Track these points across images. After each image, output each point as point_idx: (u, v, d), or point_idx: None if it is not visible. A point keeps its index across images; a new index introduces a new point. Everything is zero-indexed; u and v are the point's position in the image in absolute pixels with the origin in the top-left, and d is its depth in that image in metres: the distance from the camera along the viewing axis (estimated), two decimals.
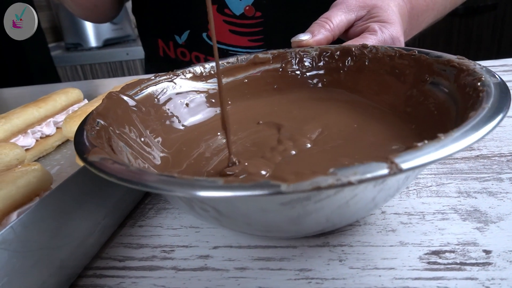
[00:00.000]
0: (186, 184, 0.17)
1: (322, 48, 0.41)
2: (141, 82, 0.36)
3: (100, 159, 0.21)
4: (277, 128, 0.36)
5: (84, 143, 0.23)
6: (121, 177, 0.19)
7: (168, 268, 0.26)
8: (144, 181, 0.18)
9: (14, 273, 0.21)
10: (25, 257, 0.22)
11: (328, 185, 0.15)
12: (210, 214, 0.25)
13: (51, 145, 0.49)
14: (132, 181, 0.18)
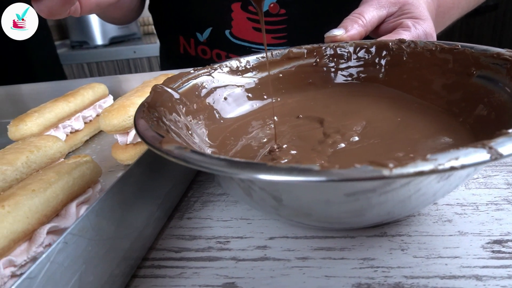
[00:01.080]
0: (283, 171, 0.17)
1: (357, 43, 0.42)
2: (182, 76, 0.36)
3: (175, 148, 0.21)
4: (318, 121, 0.36)
5: (152, 133, 0.23)
6: (203, 165, 0.19)
7: (228, 259, 0.26)
8: (231, 168, 0.18)
9: (90, 261, 0.21)
10: (98, 245, 0.22)
11: (430, 170, 0.16)
12: (268, 203, 0.26)
13: (80, 140, 0.49)
14: (216, 168, 0.19)
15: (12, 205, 0.23)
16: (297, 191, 0.22)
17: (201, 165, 0.19)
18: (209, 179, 0.37)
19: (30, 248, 0.23)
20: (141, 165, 0.28)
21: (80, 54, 1.50)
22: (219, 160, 0.19)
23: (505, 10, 2.09)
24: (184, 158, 0.20)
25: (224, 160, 0.18)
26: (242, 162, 0.18)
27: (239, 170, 0.17)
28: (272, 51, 0.43)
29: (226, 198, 0.34)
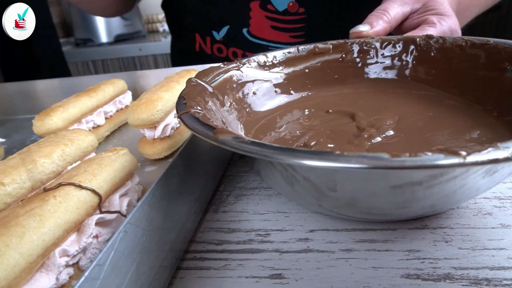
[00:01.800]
0: (353, 159, 0.17)
1: (384, 39, 0.42)
2: (213, 70, 0.36)
3: (233, 138, 0.21)
4: (349, 116, 0.36)
5: (201, 124, 0.23)
6: (264, 154, 0.19)
7: (271, 251, 0.26)
8: (296, 158, 0.18)
9: (144, 251, 0.21)
10: (150, 236, 0.22)
11: (504, 157, 0.16)
12: (310, 193, 0.26)
13: (101, 135, 0.49)
14: (279, 158, 0.19)
15: (63, 195, 0.23)
16: (344, 182, 0.22)
17: (262, 154, 0.19)
18: (239, 174, 0.37)
19: (80, 238, 0.23)
20: (182, 158, 0.28)
21: (85, 51, 1.49)
22: (282, 150, 0.19)
23: (507, 10, 2.10)
24: (242, 148, 0.20)
25: (287, 150, 0.18)
26: (307, 151, 0.18)
27: (305, 159, 0.18)
28: (298, 46, 0.43)
29: (259, 192, 0.34)
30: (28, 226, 0.20)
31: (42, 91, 0.70)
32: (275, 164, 0.25)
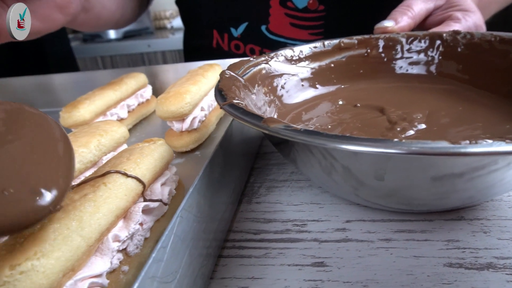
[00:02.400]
0: (414, 146, 0.17)
1: (409, 34, 0.42)
2: (244, 63, 0.37)
3: (285, 127, 0.21)
4: (379, 110, 0.36)
5: (250, 114, 0.24)
6: (317, 142, 0.20)
7: (310, 240, 0.27)
8: (357, 144, 0.18)
9: (195, 237, 0.22)
10: (199, 222, 0.22)
11: None
12: (349, 183, 0.26)
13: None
14: (335, 146, 0.19)
15: (112, 182, 0.23)
16: (393, 170, 0.23)
17: (314, 141, 0.20)
18: (268, 166, 0.38)
19: (128, 225, 0.23)
20: (222, 149, 0.28)
21: (93, 47, 1.50)
22: (337, 138, 0.19)
23: None
24: (295, 136, 0.20)
25: (347, 138, 0.19)
26: (366, 139, 0.18)
27: (367, 146, 0.18)
28: (324, 41, 0.43)
29: (290, 184, 0.34)
30: (84, 210, 0.20)
31: (58, 85, 0.70)
32: (314, 152, 0.25)
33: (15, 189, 0.16)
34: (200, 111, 0.42)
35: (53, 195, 0.17)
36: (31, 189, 0.17)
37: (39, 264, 0.17)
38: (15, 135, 0.19)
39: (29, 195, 0.16)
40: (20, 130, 0.20)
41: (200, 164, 0.40)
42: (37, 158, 0.18)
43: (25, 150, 0.18)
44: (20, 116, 0.21)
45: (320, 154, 0.25)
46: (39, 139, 0.20)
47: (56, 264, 0.17)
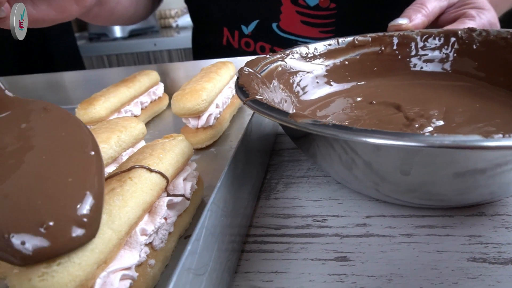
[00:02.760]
0: (446, 140, 0.17)
1: (423, 32, 0.42)
2: (260, 60, 0.37)
3: (313, 121, 0.21)
4: (395, 107, 0.36)
5: (275, 109, 0.24)
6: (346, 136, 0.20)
7: (331, 235, 0.27)
8: (389, 138, 0.18)
9: (222, 231, 0.22)
10: (226, 216, 0.23)
11: None
12: (370, 178, 0.26)
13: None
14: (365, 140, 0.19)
15: (137, 177, 0.23)
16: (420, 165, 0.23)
17: (343, 136, 0.20)
18: (283, 163, 0.38)
19: (154, 219, 0.24)
20: (243, 145, 0.28)
21: (99, 46, 1.50)
22: (369, 132, 0.19)
23: None
24: (324, 130, 0.21)
25: (375, 132, 0.19)
26: (397, 133, 0.18)
27: (399, 140, 0.18)
28: (338, 38, 0.43)
29: (307, 180, 0.34)
30: (113, 204, 0.21)
31: (68, 83, 0.70)
32: (336, 148, 0.25)
33: (53, 221, 0.16)
34: (215, 108, 0.43)
35: (91, 227, 0.17)
36: (70, 219, 0.17)
37: (75, 256, 0.17)
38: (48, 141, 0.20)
39: (67, 227, 0.17)
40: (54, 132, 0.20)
41: (215, 161, 0.40)
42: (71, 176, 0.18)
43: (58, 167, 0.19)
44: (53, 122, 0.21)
45: (341, 149, 0.25)
46: (71, 145, 0.20)
47: (91, 256, 0.18)
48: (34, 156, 0.19)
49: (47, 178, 0.18)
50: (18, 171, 0.19)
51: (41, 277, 0.16)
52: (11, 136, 0.21)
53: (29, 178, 0.18)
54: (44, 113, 0.23)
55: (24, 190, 0.18)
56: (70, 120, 0.23)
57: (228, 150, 0.42)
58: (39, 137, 0.21)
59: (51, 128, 0.22)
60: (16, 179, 0.18)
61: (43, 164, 0.19)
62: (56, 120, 0.22)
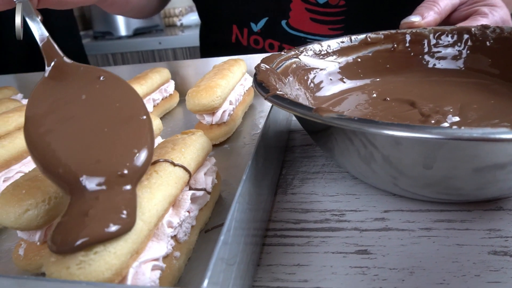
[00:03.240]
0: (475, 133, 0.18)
1: (436, 29, 0.42)
2: (276, 57, 0.37)
3: (338, 115, 0.22)
4: (409, 104, 0.37)
5: (298, 104, 0.24)
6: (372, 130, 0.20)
7: (350, 229, 0.27)
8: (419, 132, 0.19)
9: (247, 225, 0.22)
10: (250, 210, 0.23)
11: None
12: (388, 172, 0.27)
13: None
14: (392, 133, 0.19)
15: (162, 170, 0.24)
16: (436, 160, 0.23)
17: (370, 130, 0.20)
18: (298, 159, 0.38)
19: (178, 212, 0.24)
20: (263, 141, 0.29)
21: (104, 44, 1.51)
22: (395, 126, 0.19)
23: None
24: (349, 124, 0.21)
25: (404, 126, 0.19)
26: (426, 127, 0.19)
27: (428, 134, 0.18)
28: (351, 36, 0.43)
29: (323, 175, 0.35)
30: (142, 196, 0.21)
31: None
32: (355, 142, 0.26)
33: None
34: (229, 105, 0.43)
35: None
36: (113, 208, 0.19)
37: (110, 245, 0.17)
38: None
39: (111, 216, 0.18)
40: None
41: (230, 157, 0.40)
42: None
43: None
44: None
45: (360, 143, 0.26)
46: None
47: (125, 246, 0.18)
48: (97, 120, 0.23)
49: (110, 136, 0.22)
50: (84, 131, 0.22)
51: (79, 265, 0.17)
52: (75, 102, 0.24)
53: (96, 136, 0.22)
54: (100, 80, 0.25)
55: (95, 146, 0.22)
56: (124, 86, 0.26)
57: (242, 147, 0.42)
58: (99, 101, 0.24)
59: (109, 93, 0.25)
60: (84, 137, 0.22)
61: (106, 125, 0.23)
62: (112, 86, 0.25)
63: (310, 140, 0.42)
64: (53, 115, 0.23)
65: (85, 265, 0.17)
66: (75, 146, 0.21)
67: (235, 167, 0.38)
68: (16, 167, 0.34)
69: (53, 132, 0.22)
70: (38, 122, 0.22)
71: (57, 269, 0.17)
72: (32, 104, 0.23)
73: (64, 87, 0.25)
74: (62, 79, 0.26)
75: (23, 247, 0.25)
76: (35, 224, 0.23)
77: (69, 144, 0.21)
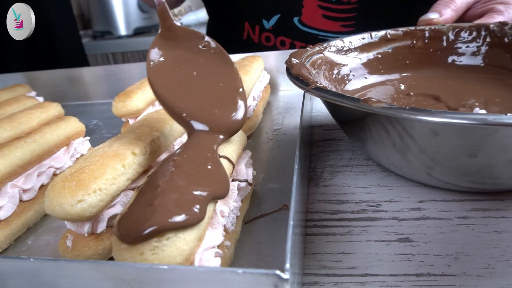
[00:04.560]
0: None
1: (454, 26, 0.43)
2: (303, 52, 0.38)
3: (388, 105, 0.22)
4: (433, 98, 0.37)
5: (346, 96, 0.25)
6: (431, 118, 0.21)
7: (388, 219, 0.28)
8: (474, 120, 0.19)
9: (297, 216, 0.23)
10: (299, 201, 0.23)
11: None
12: (423, 162, 0.27)
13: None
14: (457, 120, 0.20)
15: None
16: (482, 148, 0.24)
17: (426, 119, 0.21)
18: (324, 153, 0.39)
19: (227, 202, 0.24)
20: (301, 134, 0.29)
21: (104, 44, 1.50)
22: (453, 114, 0.20)
23: None
24: (401, 113, 0.22)
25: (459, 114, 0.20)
26: (478, 114, 0.19)
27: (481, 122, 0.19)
28: (371, 32, 0.44)
29: (351, 168, 0.35)
30: None
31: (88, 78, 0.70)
32: (391, 132, 0.26)
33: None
34: (252, 101, 0.43)
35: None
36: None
37: (180, 232, 0.18)
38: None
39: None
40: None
41: (255, 152, 0.41)
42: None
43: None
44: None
45: (396, 134, 0.26)
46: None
47: (192, 233, 0.18)
48: (203, 79, 0.29)
49: (216, 96, 0.28)
50: (196, 86, 0.28)
51: (153, 251, 0.17)
52: (185, 60, 0.29)
53: (205, 93, 0.28)
54: (204, 48, 0.30)
55: (207, 101, 0.28)
56: (224, 56, 0.30)
57: (265, 142, 0.42)
58: (204, 64, 0.29)
59: (212, 60, 0.30)
60: (196, 91, 0.28)
61: (210, 85, 0.29)
62: (215, 54, 0.30)
63: (332, 135, 0.42)
64: (169, 68, 0.28)
65: (159, 251, 0.17)
66: (192, 96, 0.27)
67: (260, 161, 0.38)
68: (47, 162, 0.34)
69: (173, 83, 0.28)
70: (160, 72, 0.28)
71: (131, 255, 0.17)
72: (152, 57, 0.29)
73: (175, 46, 0.30)
74: (172, 38, 0.30)
75: (70, 238, 0.25)
76: (87, 215, 0.23)
77: (187, 93, 0.27)
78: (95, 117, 0.57)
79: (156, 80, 0.28)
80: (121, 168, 0.26)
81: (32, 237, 0.30)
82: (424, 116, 0.21)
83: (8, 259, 0.18)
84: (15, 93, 0.55)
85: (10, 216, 0.30)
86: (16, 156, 0.31)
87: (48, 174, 0.34)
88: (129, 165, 0.26)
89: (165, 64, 0.28)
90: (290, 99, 0.56)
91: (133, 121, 0.44)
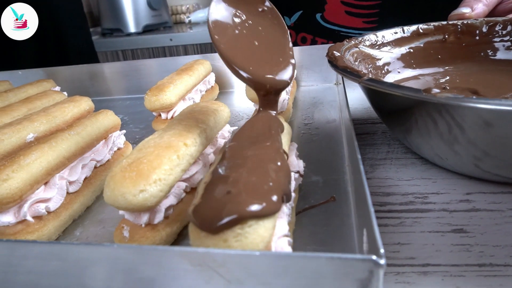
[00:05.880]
0: None
1: (487, 20, 0.43)
2: (341, 46, 0.38)
3: (453, 95, 0.22)
4: (471, 92, 0.37)
5: (404, 86, 0.25)
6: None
7: (439, 210, 0.28)
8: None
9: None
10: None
11: None
12: (471, 153, 0.27)
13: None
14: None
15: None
16: None
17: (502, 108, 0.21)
18: (361, 146, 0.39)
19: None
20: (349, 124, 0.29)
21: (113, 41, 1.50)
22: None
23: None
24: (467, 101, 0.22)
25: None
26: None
27: None
28: (403, 27, 0.44)
29: (391, 162, 0.35)
30: None
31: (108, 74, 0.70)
32: (439, 123, 0.27)
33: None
34: (286, 95, 0.43)
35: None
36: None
37: (261, 220, 0.18)
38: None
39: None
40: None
41: None
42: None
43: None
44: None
45: (445, 125, 0.26)
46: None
47: (270, 221, 0.18)
48: (262, 42, 0.31)
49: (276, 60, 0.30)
50: (257, 48, 0.30)
51: (236, 238, 0.17)
52: (246, 22, 0.31)
53: (266, 55, 0.30)
54: (263, 11, 0.34)
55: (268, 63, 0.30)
56: (280, 21, 0.34)
57: (299, 136, 0.42)
58: (262, 28, 0.32)
59: (270, 25, 0.33)
60: (259, 52, 0.30)
61: (269, 50, 0.31)
62: (272, 18, 0.34)
63: (365, 129, 0.42)
64: (233, 29, 0.30)
65: (242, 238, 0.17)
66: (256, 57, 0.29)
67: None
68: (88, 155, 0.34)
69: (239, 44, 0.29)
70: (226, 34, 0.29)
71: (214, 242, 0.17)
72: (215, 17, 0.29)
73: (234, 9, 0.31)
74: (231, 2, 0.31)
75: (126, 229, 0.25)
76: (148, 205, 0.23)
77: (252, 55, 0.29)
78: (120, 112, 0.57)
79: (220, 38, 0.28)
80: (176, 159, 0.26)
81: (80, 228, 0.31)
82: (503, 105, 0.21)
83: (90, 246, 0.18)
84: (41, 88, 0.55)
85: (59, 207, 0.30)
86: (62, 148, 0.31)
87: (91, 166, 0.34)
88: (182, 156, 0.26)
89: (227, 24, 0.30)
90: (316, 94, 0.56)
91: (165, 115, 0.44)
